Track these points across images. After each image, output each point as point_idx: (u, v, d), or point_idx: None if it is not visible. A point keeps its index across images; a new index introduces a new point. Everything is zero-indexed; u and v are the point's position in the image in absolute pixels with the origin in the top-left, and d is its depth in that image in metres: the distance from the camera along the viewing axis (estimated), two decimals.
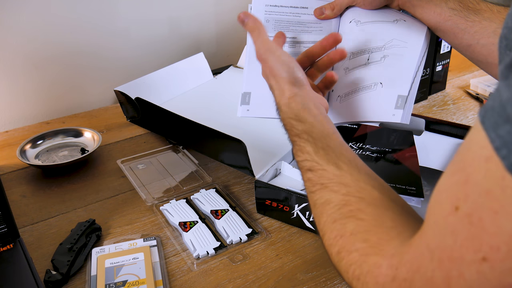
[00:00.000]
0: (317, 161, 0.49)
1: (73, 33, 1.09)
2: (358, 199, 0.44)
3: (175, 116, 0.84)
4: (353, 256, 0.40)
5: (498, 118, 0.27)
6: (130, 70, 1.18)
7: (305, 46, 0.70)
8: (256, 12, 0.70)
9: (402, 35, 0.68)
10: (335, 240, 0.43)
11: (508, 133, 0.27)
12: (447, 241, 0.31)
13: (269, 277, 0.64)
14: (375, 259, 0.38)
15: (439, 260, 0.32)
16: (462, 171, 0.31)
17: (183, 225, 0.72)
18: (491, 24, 0.64)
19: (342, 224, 0.43)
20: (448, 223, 0.31)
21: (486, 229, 0.28)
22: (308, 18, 0.71)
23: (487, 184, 0.28)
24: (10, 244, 0.67)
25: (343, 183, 0.45)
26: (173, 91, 1.06)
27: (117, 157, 0.92)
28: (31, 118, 1.10)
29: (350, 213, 0.43)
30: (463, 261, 0.30)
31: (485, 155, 0.28)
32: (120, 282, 0.62)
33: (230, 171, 0.88)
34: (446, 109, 1.10)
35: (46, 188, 0.85)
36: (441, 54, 1.12)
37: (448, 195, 0.31)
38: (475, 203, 0.29)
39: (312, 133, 0.51)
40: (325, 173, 0.47)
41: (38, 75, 1.08)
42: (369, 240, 0.40)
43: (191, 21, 1.24)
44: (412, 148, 0.82)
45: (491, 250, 0.28)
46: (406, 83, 0.65)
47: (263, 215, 0.76)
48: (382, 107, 0.66)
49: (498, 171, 0.27)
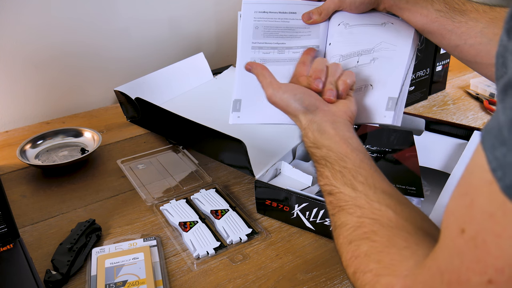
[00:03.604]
0: (335, 184, 0.50)
1: (73, 33, 1.09)
2: (372, 221, 0.45)
3: (175, 116, 0.84)
4: (367, 277, 0.42)
5: (495, 140, 0.28)
6: (130, 70, 1.18)
7: (295, 52, 0.71)
8: (246, 19, 0.70)
9: (390, 38, 0.69)
10: (351, 261, 0.44)
11: (503, 155, 0.27)
12: (454, 263, 0.32)
13: (269, 277, 0.64)
14: (388, 280, 0.39)
15: (448, 282, 0.32)
16: (466, 195, 0.31)
17: (183, 225, 0.72)
18: (477, 24, 0.64)
19: (356, 246, 0.44)
20: (455, 246, 0.32)
21: (490, 252, 0.29)
22: (297, 23, 0.72)
23: (490, 208, 0.29)
24: (10, 244, 0.67)
25: (358, 205, 0.47)
26: (173, 91, 1.06)
27: (117, 157, 0.92)
28: (31, 118, 1.10)
29: (364, 235, 0.44)
30: (470, 284, 0.31)
31: (487, 178, 0.29)
32: (120, 282, 0.62)
33: (230, 171, 0.88)
34: (446, 109, 1.10)
35: (46, 188, 0.85)
36: (441, 54, 1.12)
37: (455, 218, 0.32)
38: (480, 226, 0.30)
39: (329, 157, 0.53)
40: (342, 196, 0.49)
41: (38, 75, 1.08)
42: (382, 261, 0.41)
43: (191, 21, 1.24)
44: (412, 148, 0.82)
45: (496, 273, 0.29)
46: (396, 85, 0.66)
47: (263, 215, 0.76)
48: (373, 109, 0.66)
49: (500, 195, 0.28)
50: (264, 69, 0.62)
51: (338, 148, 0.53)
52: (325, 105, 0.59)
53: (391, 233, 0.43)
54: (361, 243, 0.44)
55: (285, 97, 0.58)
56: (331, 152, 0.53)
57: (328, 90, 0.60)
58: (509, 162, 0.27)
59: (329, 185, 0.51)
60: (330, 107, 0.59)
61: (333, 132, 0.55)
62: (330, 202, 0.51)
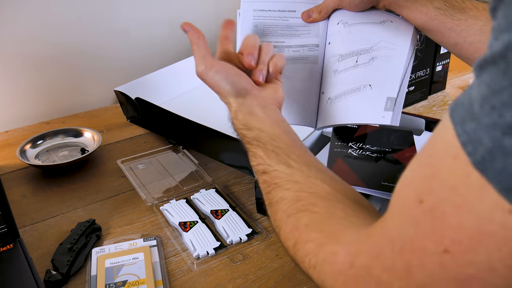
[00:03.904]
0: (269, 163, 0.51)
1: (73, 33, 1.09)
2: (310, 194, 0.45)
3: (175, 116, 0.84)
4: (308, 246, 0.42)
5: (465, 114, 0.28)
6: (130, 70, 1.18)
7: (294, 50, 0.71)
8: (245, 18, 0.70)
9: (390, 36, 0.69)
10: (291, 234, 0.44)
11: (474, 130, 0.27)
12: (408, 232, 0.32)
13: (269, 277, 0.64)
14: (331, 248, 0.39)
15: (399, 250, 0.32)
16: (429, 165, 0.31)
17: (183, 225, 0.72)
18: (477, 22, 0.64)
19: (296, 218, 0.44)
20: (410, 215, 0.32)
21: (448, 223, 0.29)
22: (296, 22, 0.71)
23: (452, 181, 0.29)
24: (10, 244, 0.67)
25: (294, 180, 0.48)
26: (173, 91, 1.06)
27: (117, 157, 0.92)
28: (31, 118, 1.10)
29: (303, 207, 0.45)
30: (424, 252, 0.31)
31: (452, 152, 0.29)
32: (120, 282, 0.62)
33: (230, 171, 0.88)
34: (446, 109, 1.10)
35: (46, 188, 0.85)
36: (441, 54, 1.12)
37: (414, 188, 0.32)
38: (440, 198, 0.30)
39: (261, 138, 0.53)
40: (277, 173, 0.49)
41: (38, 75, 1.08)
42: (324, 231, 0.41)
43: (191, 22, 1.24)
44: (412, 148, 0.82)
45: (453, 243, 0.29)
46: (394, 85, 0.66)
47: (263, 215, 0.76)
48: (371, 109, 0.66)
49: (464, 168, 0.28)
50: (200, 37, 0.61)
51: (270, 129, 0.54)
52: (256, 90, 0.58)
53: (329, 204, 0.44)
54: (301, 215, 0.44)
55: (217, 78, 0.57)
56: (263, 133, 0.53)
57: (258, 71, 0.59)
58: (478, 138, 0.27)
59: (263, 164, 0.51)
60: (261, 93, 0.58)
61: (263, 115, 0.55)
62: (264, 181, 0.51)
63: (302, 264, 0.43)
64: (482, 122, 0.27)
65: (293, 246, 0.44)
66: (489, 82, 0.27)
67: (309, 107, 0.71)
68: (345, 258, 0.37)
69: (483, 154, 0.27)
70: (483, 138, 0.27)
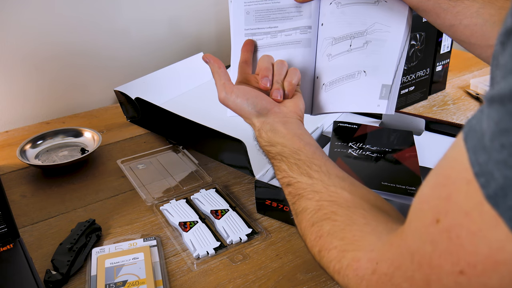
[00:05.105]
0: (292, 175, 0.54)
1: (73, 33, 1.09)
2: (330, 203, 0.48)
3: (175, 116, 0.84)
4: (332, 253, 0.45)
5: (478, 143, 0.28)
6: (130, 70, 1.18)
7: (287, 34, 0.70)
8: (236, 4, 0.70)
9: (384, 18, 0.67)
10: (315, 241, 0.47)
11: (486, 163, 0.28)
12: (426, 248, 0.33)
13: (269, 277, 0.64)
14: (353, 254, 0.42)
15: (418, 263, 0.33)
16: (444, 187, 0.32)
17: (183, 225, 0.72)
18: (473, 4, 0.63)
19: (319, 226, 0.47)
20: (428, 233, 0.33)
21: (463, 247, 0.30)
22: (288, 3, 0.70)
23: (466, 206, 0.29)
24: (10, 244, 0.67)
25: (316, 190, 0.51)
26: (173, 91, 1.06)
27: (117, 157, 0.92)
28: (31, 118, 1.10)
29: (325, 216, 0.47)
30: (441, 270, 0.31)
31: (466, 177, 0.29)
32: (120, 282, 0.62)
33: (230, 171, 0.88)
34: (446, 109, 1.10)
35: (46, 188, 0.85)
36: (441, 54, 1.12)
37: (430, 207, 0.33)
38: (455, 221, 0.30)
39: (283, 153, 0.56)
40: (300, 185, 0.52)
41: (38, 75, 1.08)
42: (346, 238, 0.44)
43: (191, 21, 1.25)
44: (412, 148, 0.82)
45: (468, 267, 0.30)
46: (389, 71, 0.65)
47: (263, 215, 0.76)
48: (366, 97, 0.66)
49: (477, 196, 0.28)
50: (220, 67, 0.64)
51: (291, 144, 0.56)
52: (276, 107, 0.61)
53: (350, 212, 0.46)
54: (323, 224, 0.47)
55: (238, 101, 0.61)
56: (285, 148, 0.56)
57: (275, 90, 0.63)
58: (490, 172, 0.27)
59: (287, 177, 0.55)
60: (281, 109, 0.61)
61: (285, 131, 0.58)
62: (289, 193, 0.54)
63: (328, 270, 0.46)
64: (493, 157, 0.27)
65: (318, 253, 0.47)
66: (497, 120, 0.27)
67: (304, 92, 0.71)
68: (367, 264, 0.40)
69: (496, 190, 0.27)
70: (495, 173, 0.27)
